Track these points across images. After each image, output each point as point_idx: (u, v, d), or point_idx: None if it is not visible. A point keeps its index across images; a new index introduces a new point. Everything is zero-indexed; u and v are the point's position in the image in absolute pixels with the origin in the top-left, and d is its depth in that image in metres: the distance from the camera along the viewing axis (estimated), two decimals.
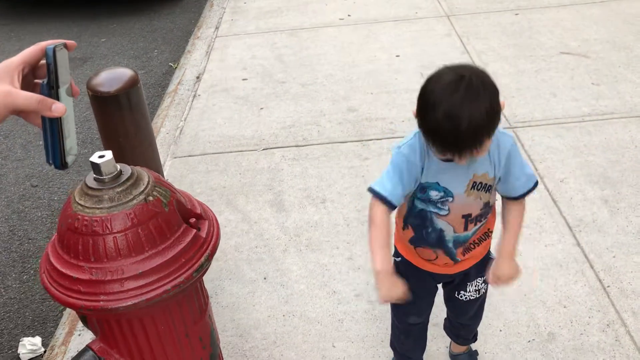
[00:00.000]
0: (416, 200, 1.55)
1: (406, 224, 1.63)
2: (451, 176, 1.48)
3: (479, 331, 2.04)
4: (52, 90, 0.99)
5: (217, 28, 5.19)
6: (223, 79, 4.26)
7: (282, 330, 2.25)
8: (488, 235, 1.70)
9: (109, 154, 1.26)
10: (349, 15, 5.12)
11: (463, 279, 1.75)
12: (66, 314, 2.47)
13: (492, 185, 1.53)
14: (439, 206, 1.53)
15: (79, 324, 2.35)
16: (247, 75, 4.26)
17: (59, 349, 2.28)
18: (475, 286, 1.77)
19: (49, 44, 1.00)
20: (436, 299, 1.86)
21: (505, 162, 1.50)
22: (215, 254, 1.37)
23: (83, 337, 2.29)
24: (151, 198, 1.27)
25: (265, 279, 2.49)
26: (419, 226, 1.60)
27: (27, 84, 1.02)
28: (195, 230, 1.33)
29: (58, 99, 0.99)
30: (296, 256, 2.59)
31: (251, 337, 2.23)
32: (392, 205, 1.50)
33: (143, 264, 1.24)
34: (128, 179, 1.27)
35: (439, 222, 1.56)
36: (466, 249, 1.64)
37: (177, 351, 1.41)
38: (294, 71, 4.24)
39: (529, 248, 2.52)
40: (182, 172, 3.24)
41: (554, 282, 2.35)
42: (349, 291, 2.39)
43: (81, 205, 1.24)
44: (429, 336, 1.98)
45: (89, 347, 1.38)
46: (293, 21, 5.12)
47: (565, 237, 2.58)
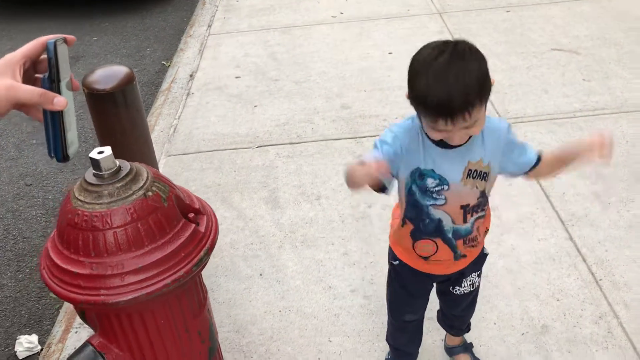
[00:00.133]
0: (414, 187, 1.54)
1: (404, 219, 1.64)
2: (446, 163, 1.48)
3: (473, 324, 2.06)
4: (53, 84, 1.00)
5: (209, 26, 5.18)
6: (216, 77, 4.26)
7: (279, 326, 2.26)
8: (486, 231, 1.72)
9: (108, 150, 1.27)
10: (341, 13, 5.13)
11: (459, 276, 1.77)
12: (62, 311, 2.47)
13: (487, 173, 1.53)
14: (435, 196, 1.52)
15: (75, 321, 2.36)
16: (240, 73, 4.27)
17: (56, 347, 2.28)
18: (470, 281, 1.80)
19: (49, 38, 1.01)
20: (431, 294, 1.88)
21: (505, 147, 1.52)
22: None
23: (80, 335, 2.30)
24: (150, 193, 1.28)
25: (261, 275, 2.50)
26: (416, 219, 1.60)
27: (28, 78, 1.03)
28: (194, 225, 1.34)
29: (59, 92, 1.00)
30: (292, 252, 2.60)
31: (248, 332, 2.24)
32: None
33: (143, 258, 1.25)
34: (127, 175, 1.28)
35: (436, 213, 1.56)
36: (468, 244, 1.64)
37: (177, 345, 1.42)
38: (287, 69, 4.25)
39: (522, 242, 2.55)
40: (177, 170, 3.24)
41: (547, 276, 2.38)
42: (344, 286, 2.41)
43: (81, 201, 1.25)
44: (424, 329, 2.00)
45: (88, 342, 1.39)
46: (285, 19, 5.13)
47: (558, 231, 2.60)
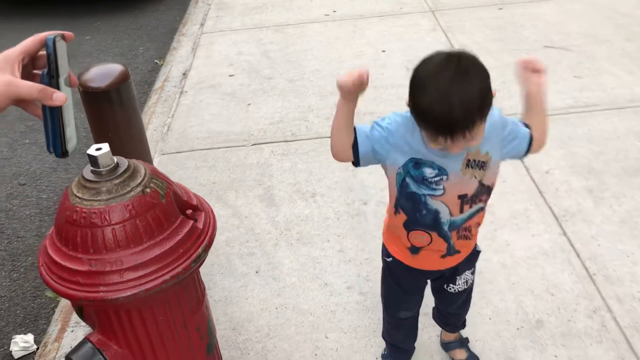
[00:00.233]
0: (408, 178, 1.51)
1: (397, 208, 1.60)
2: (445, 154, 1.46)
3: (468, 320, 2.07)
4: (52, 80, 1.00)
5: (202, 25, 5.18)
6: (210, 75, 4.26)
7: (275, 323, 2.27)
8: (479, 225, 1.72)
9: (105, 147, 1.27)
10: (334, 11, 5.14)
11: (452, 274, 1.77)
12: (58, 310, 2.47)
13: (486, 162, 1.51)
14: (433, 187, 1.50)
15: (71, 320, 2.35)
16: (233, 71, 4.27)
17: (52, 346, 2.28)
18: (464, 279, 1.80)
19: (47, 34, 1.02)
20: (426, 291, 1.89)
21: (508, 135, 1.54)
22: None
23: (76, 333, 2.29)
24: (148, 190, 1.28)
25: (257, 272, 2.51)
26: (412, 209, 1.57)
27: (26, 74, 1.03)
28: (192, 222, 1.34)
29: (58, 88, 1.01)
30: (287, 250, 2.61)
31: (244, 329, 2.25)
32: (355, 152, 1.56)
33: (142, 254, 1.25)
34: (125, 171, 1.28)
35: (434, 204, 1.53)
36: (461, 235, 1.63)
37: (176, 341, 1.43)
38: (280, 67, 4.26)
39: (516, 238, 2.57)
40: (171, 169, 3.24)
41: (541, 271, 2.39)
42: (340, 283, 2.42)
43: (79, 198, 1.25)
44: (420, 326, 2.00)
45: (87, 339, 1.39)
46: (278, 17, 5.13)
47: (552, 227, 2.62)
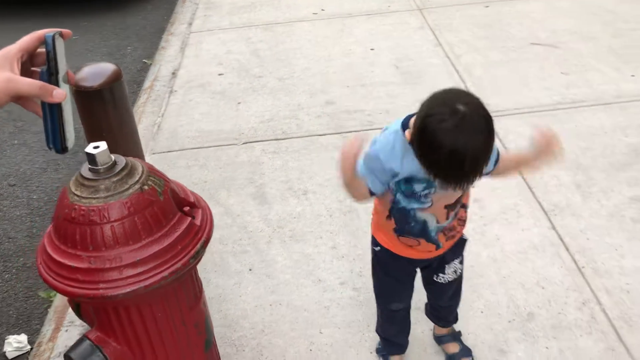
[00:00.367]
0: (399, 195, 1.58)
1: (390, 215, 1.68)
2: None
3: (460, 313, 2.10)
4: (52, 77, 1.01)
5: (190, 24, 5.17)
6: (199, 74, 4.26)
7: (270, 319, 2.28)
8: (463, 222, 1.76)
9: (103, 145, 1.28)
10: (322, 10, 5.16)
11: (440, 262, 1.81)
12: (52, 310, 2.46)
13: None
14: (422, 200, 1.57)
15: (66, 320, 2.35)
16: (223, 70, 4.27)
17: (46, 345, 2.27)
18: (453, 268, 1.84)
19: (46, 32, 1.02)
20: (417, 284, 1.92)
21: None
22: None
23: (71, 333, 2.29)
24: (146, 187, 1.29)
25: (250, 270, 2.52)
26: (401, 221, 1.65)
27: (24, 71, 1.03)
28: (190, 218, 1.36)
29: (58, 85, 1.01)
30: (280, 247, 2.62)
31: (239, 326, 2.26)
32: (372, 192, 1.58)
33: (140, 251, 1.26)
34: (123, 169, 1.29)
35: (422, 216, 1.61)
36: (448, 235, 1.70)
37: (174, 338, 1.44)
38: (270, 65, 4.27)
39: (506, 233, 2.60)
40: (162, 168, 3.18)
41: (531, 265, 2.43)
42: (333, 279, 2.44)
43: (77, 196, 1.26)
44: (413, 320, 2.03)
45: (85, 336, 1.40)
46: (267, 16, 5.14)
47: (541, 221, 2.66)
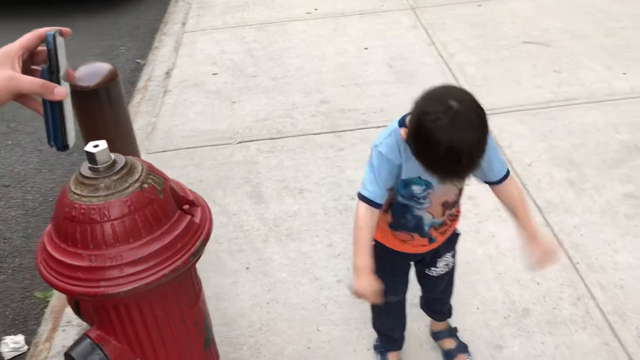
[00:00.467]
0: (398, 197, 1.61)
1: (387, 209, 1.70)
2: None
3: (456, 309, 2.12)
4: (53, 75, 1.02)
5: (183, 24, 5.17)
6: (193, 74, 4.26)
7: (267, 317, 2.29)
8: (457, 216, 1.79)
9: (103, 144, 1.28)
10: (315, 9, 5.17)
11: (433, 257, 1.85)
12: (48, 311, 2.46)
13: None
14: (421, 201, 1.60)
15: (63, 320, 2.35)
16: (217, 69, 4.27)
17: (43, 345, 2.27)
18: (445, 261, 1.87)
19: (46, 30, 1.03)
20: (412, 279, 1.94)
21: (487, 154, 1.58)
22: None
23: (68, 333, 2.29)
24: (146, 185, 1.30)
25: (247, 268, 2.53)
26: (399, 216, 1.68)
27: (25, 69, 1.04)
28: (189, 217, 1.36)
29: (59, 83, 1.02)
30: (277, 246, 2.63)
31: (237, 324, 2.27)
32: (376, 204, 1.57)
33: (141, 249, 1.27)
34: (123, 168, 1.30)
35: (419, 212, 1.64)
36: (440, 230, 1.73)
37: (174, 335, 1.45)
38: (264, 65, 4.27)
39: (501, 230, 2.62)
40: (157, 168, 3.23)
41: (526, 261, 2.44)
42: (330, 277, 2.45)
43: (77, 195, 1.26)
44: (409, 317, 2.05)
45: (86, 335, 1.40)
46: (260, 15, 5.15)
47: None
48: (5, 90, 0.97)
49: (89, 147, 1.27)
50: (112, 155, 1.30)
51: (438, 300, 2.05)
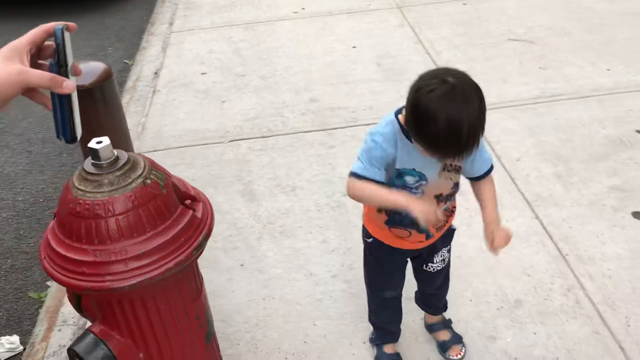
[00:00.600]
0: (392, 188, 1.61)
1: (380, 208, 1.72)
2: (425, 161, 1.56)
3: (450, 302, 2.15)
4: (61, 68, 1.03)
5: (171, 24, 5.17)
6: (182, 74, 4.26)
7: (263, 313, 2.31)
8: (452, 212, 1.82)
9: (106, 140, 1.30)
10: (302, 9, 5.19)
11: (430, 252, 1.87)
12: (43, 311, 2.46)
13: (461, 167, 1.64)
14: (414, 191, 1.62)
15: (58, 319, 2.35)
16: (205, 69, 4.28)
17: (39, 345, 2.27)
18: (441, 256, 1.90)
19: (54, 25, 1.04)
20: (408, 274, 1.97)
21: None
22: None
23: (64, 332, 2.29)
24: (149, 181, 1.32)
25: (242, 265, 2.54)
26: (393, 211, 1.69)
27: (32, 64, 1.05)
28: (191, 211, 1.38)
29: (67, 77, 1.03)
30: (271, 242, 2.65)
31: (233, 321, 2.28)
32: (366, 178, 1.56)
33: (145, 244, 1.28)
34: (125, 164, 1.31)
35: None
36: (436, 226, 1.75)
37: (177, 329, 1.46)
38: (252, 64, 4.29)
39: None
40: None
41: (517, 254, 2.49)
42: (325, 272, 2.47)
43: (81, 190, 1.28)
44: (404, 310, 2.08)
45: (89, 330, 1.41)
46: (247, 15, 5.16)
47: (525, 211, 2.73)
48: (15, 84, 0.98)
49: (92, 144, 1.28)
50: (115, 152, 1.32)
51: (434, 296, 2.08)
